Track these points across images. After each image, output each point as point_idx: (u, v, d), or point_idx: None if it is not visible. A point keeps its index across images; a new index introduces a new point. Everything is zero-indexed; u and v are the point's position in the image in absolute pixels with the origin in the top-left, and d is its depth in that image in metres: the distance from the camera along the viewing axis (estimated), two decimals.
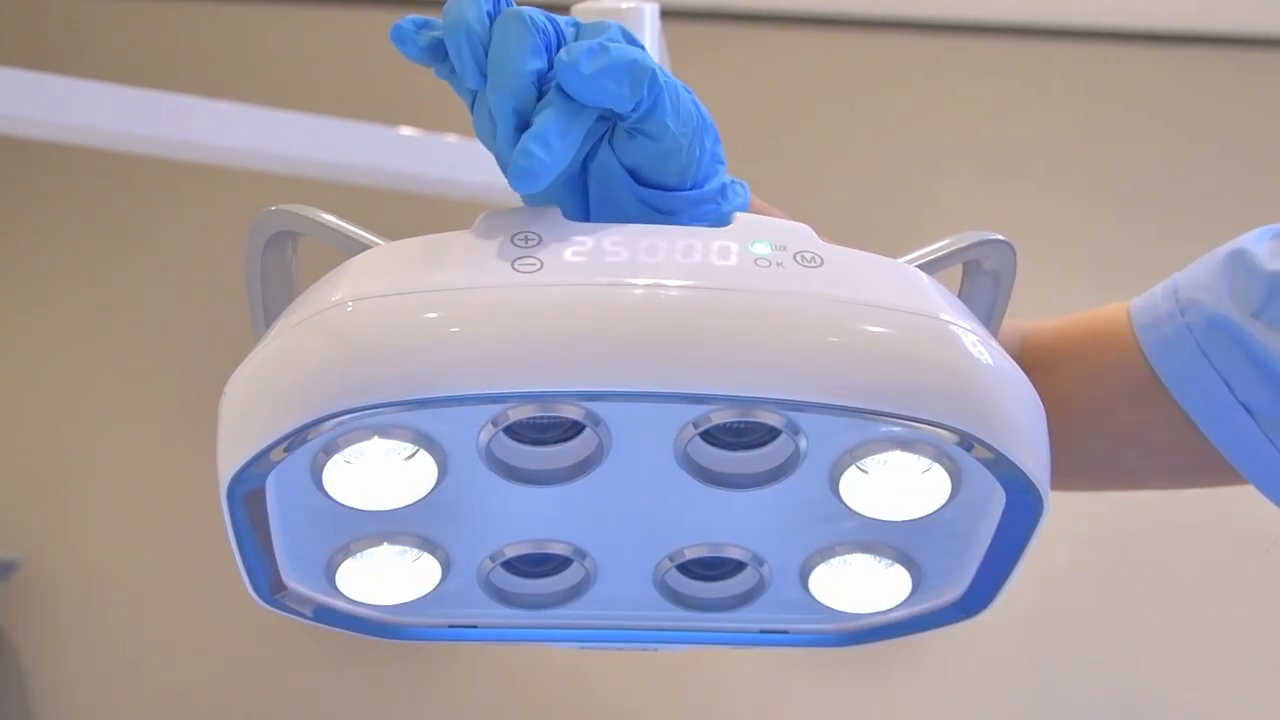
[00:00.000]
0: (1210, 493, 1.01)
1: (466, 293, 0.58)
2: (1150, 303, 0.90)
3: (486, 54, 0.63)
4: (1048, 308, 1.03)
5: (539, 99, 0.62)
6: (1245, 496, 0.96)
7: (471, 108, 0.65)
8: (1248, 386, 0.85)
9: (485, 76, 0.63)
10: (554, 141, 0.61)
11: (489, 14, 0.63)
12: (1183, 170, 2.90)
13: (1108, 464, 0.93)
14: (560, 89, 0.62)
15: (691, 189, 0.67)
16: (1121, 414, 0.90)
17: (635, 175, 0.66)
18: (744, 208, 0.69)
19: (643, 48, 0.65)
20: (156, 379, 2.75)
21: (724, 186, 0.68)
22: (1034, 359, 0.91)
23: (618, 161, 0.66)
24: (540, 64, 0.63)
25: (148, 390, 2.75)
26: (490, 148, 0.64)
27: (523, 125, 0.62)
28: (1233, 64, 2.95)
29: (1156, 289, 0.91)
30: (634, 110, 0.63)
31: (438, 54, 0.65)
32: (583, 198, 0.68)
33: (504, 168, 0.62)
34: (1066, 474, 0.94)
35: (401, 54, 0.65)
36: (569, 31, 0.64)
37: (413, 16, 0.65)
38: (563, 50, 0.62)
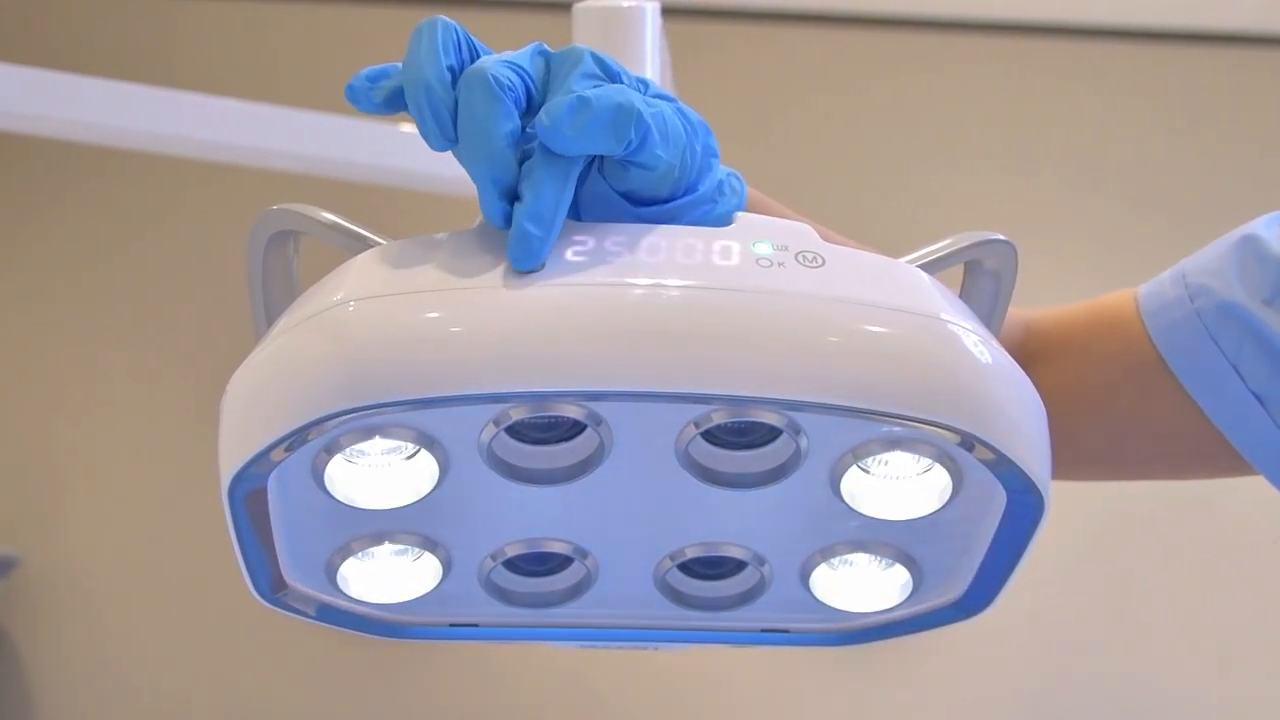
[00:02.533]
0: (1212, 491, 1.01)
1: (468, 292, 0.58)
2: (1158, 289, 0.90)
3: (453, 113, 0.60)
4: (1049, 306, 1.03)
5: (518, 153, 0.61)
6: (1247, 495, 0.96)
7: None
8: (1258, 374, 0.85)
9: (451, 140, 0.61)
10: (548, 213, 0.60)
11: (451, 68, 0.61)
12: (1185, 168, 2.90)
13: (1113, 453, 0.92)
14: (545, 149, 0.60)
15: (686, 194, 0.66)
16: (1127, 401, 0.89)
17: (629, 197, 0.65)
18: (741, 204, 0.69)
19: (617, 72, 0.63)
20: (158, 377, 2.75)
21: (720, 183, 0.67)
22: (1038, 347, 0.91)
23: (610, 188, 0.64)
24: (513, 124, 0.60)
25: (149, 388, 2.75)
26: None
27: (505, 191, 0.61)
28: (1236, 62, 2.95)
29: (1164, 275, 0.90)
30: (624, 150, 0.62)
31: (397, 105, 0.63)
32: (575, 219, 0.67)
33: (488, 219, 0.61)
34: (1071, 463, 0.94)
35: (358, 111, 0.63)
36: (536, 65, 0.63)
37: (367, 71, 0.63)
38: (542, 113, 0.60)
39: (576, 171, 0.62)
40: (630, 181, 0.64)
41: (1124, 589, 2.75)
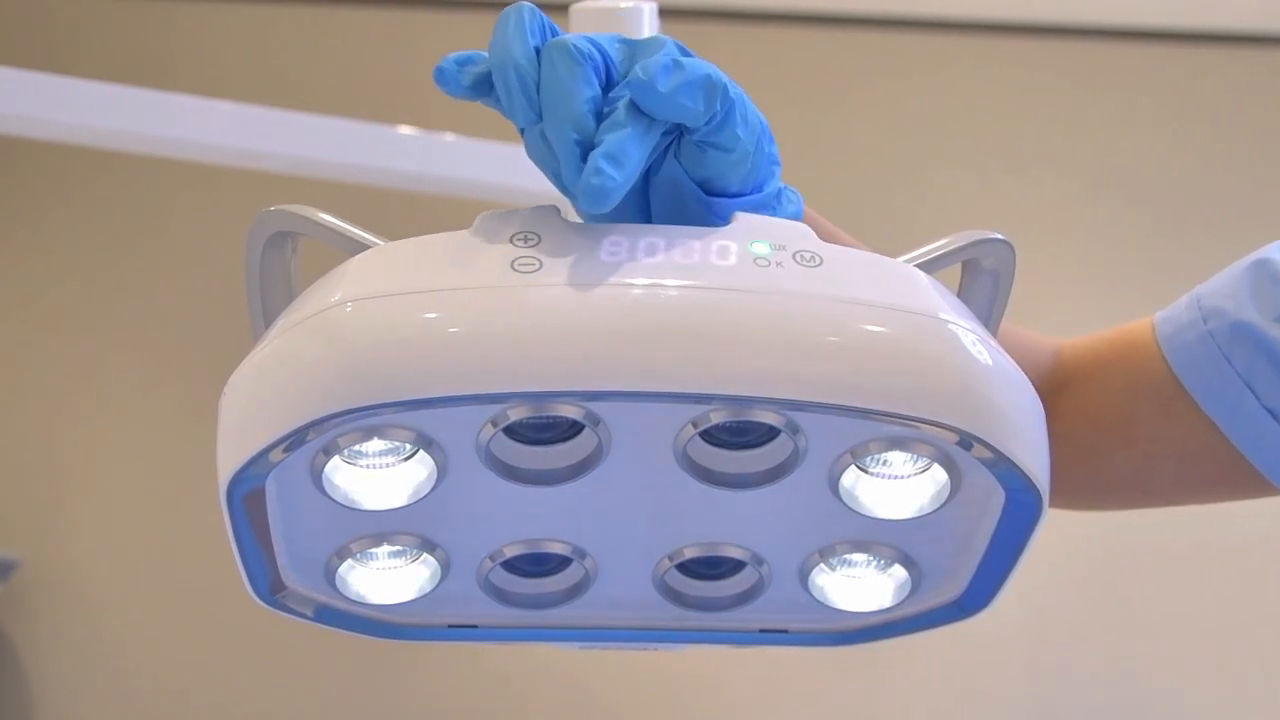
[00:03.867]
0: None
1: (466, 293, 0.58)
2: (1173, 313, 0.91)
3: (538, 88, 0.62)
4: (1048, 306, 1.03)
5: (597, 126, 0.62)
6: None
7: (522, 132, 0.65)
8: (1272, 391, 0.85)
9: (538, 113, 0.62)
10: (624, 159, 0.61)
11: (537, 49, 0.63)
12: (1184, 168, 2.90)
13: (1139, 478, 0.93)
14: (630, 107, 0.62)
15: (752, 193, 0.67)
16: (1149, 426, 0.90)
17: (702, 186, 0.66)
18: (798, 216, 0.70)
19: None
20: (157, 379, 2.75)
21: (780, 191, 0.69)
22: (1066, 375, 0.92)
23: (684, 174, 0.66)
24: (594, 91, 0.62)
25: (148, 390, 2.75)
26: (547, 172, 0.64)
27: (586, 152, 0.61)
28: (1233, 61, 2.95)
29: (1180, 300, 0.91)
30: (706, 124, 0.63)
31: (483, 89, 0.64)
32: (644, 213, 0.68)
33: (569, 194, 0.62)
34: (1102, 491, 0.95)
35: (445, 93, 0.65)
36: (617, 50, 0.64)
37: (455, 55, 0.65)
38: (638, 68, 0.62)
39: (657, 136, 0.63)
40: (706, 167, 0.65)
41: (1123, 589, 2.75)
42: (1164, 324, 0.91)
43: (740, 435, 0.64)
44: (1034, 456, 0.62)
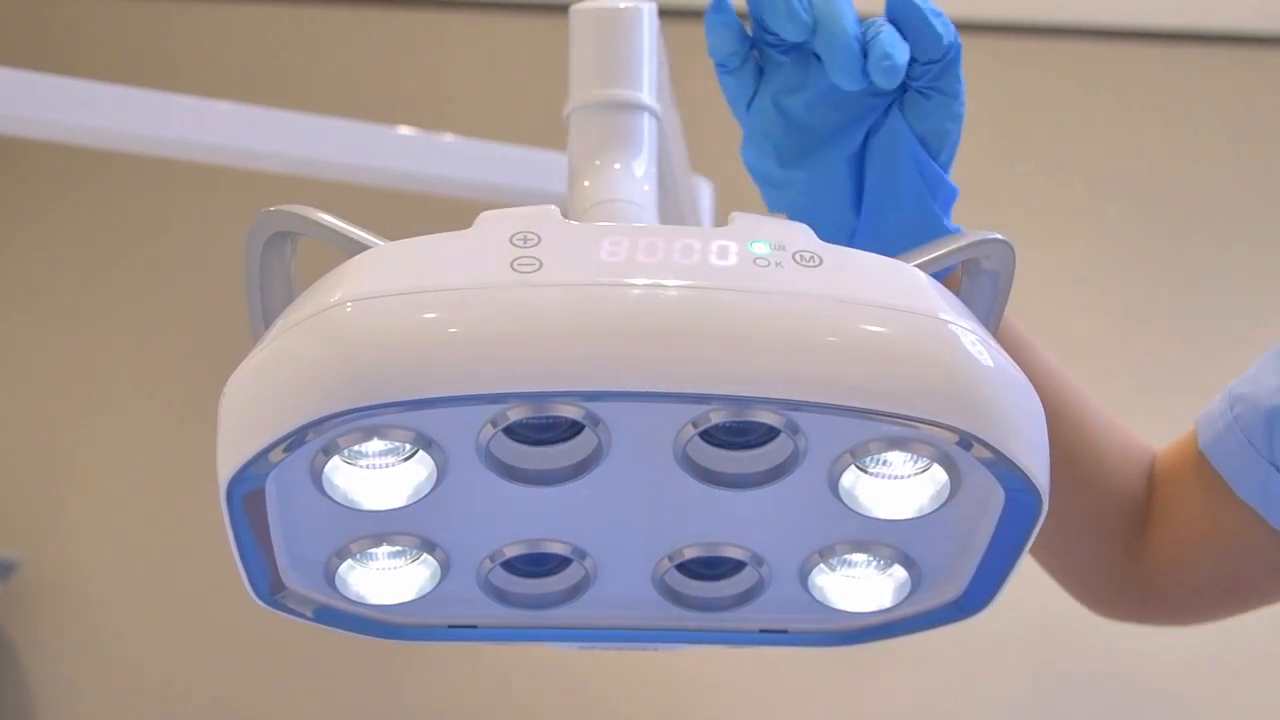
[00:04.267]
0: None
1: (465, 293, 0.58)
2: (1209, 408, 0.93)
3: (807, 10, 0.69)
4: (1048, 308, 1.03)
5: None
6: None
7: (748, 108, 0.75)
8: None
9: (811, 26, 0.69)
10: (901, 50, 0.68)
11: None
12: (1187, 169, 2.90)
13: (1229, 579, 0.94)
14: (890, 23, 0.69)
15: (947, 167, 0.74)
16: (1216, 524, 0.91)
17: (920, 142, 0.72)
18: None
19: None
20: (157, 379, 2.75)
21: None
22: (1154, 481, 0.93)
23: (905, 128, 0.71)
24: (854, 12, 0.70)
25: (148, 390, 2.75)
26: (764, 149, 0.73)
27: (861, 51, 0.69)
28: (1236, 62, 2.94)
29: (1217, 396, 0.93)
30: (938, 60, 0.70)
31: (736, 31, 0.75)
32: (857, 177, 0.73)
33: (841, 78, 0.69)
34: (1198, 601, 0.96)
35: (709, 24, 0.75)
36: None
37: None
38: None
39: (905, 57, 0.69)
40: (928, 116, 0.71)
41: None
42: (1201, 419, 0.93)
43: (740, 435, 0.64)
44: (1034, 456, 0.62)
